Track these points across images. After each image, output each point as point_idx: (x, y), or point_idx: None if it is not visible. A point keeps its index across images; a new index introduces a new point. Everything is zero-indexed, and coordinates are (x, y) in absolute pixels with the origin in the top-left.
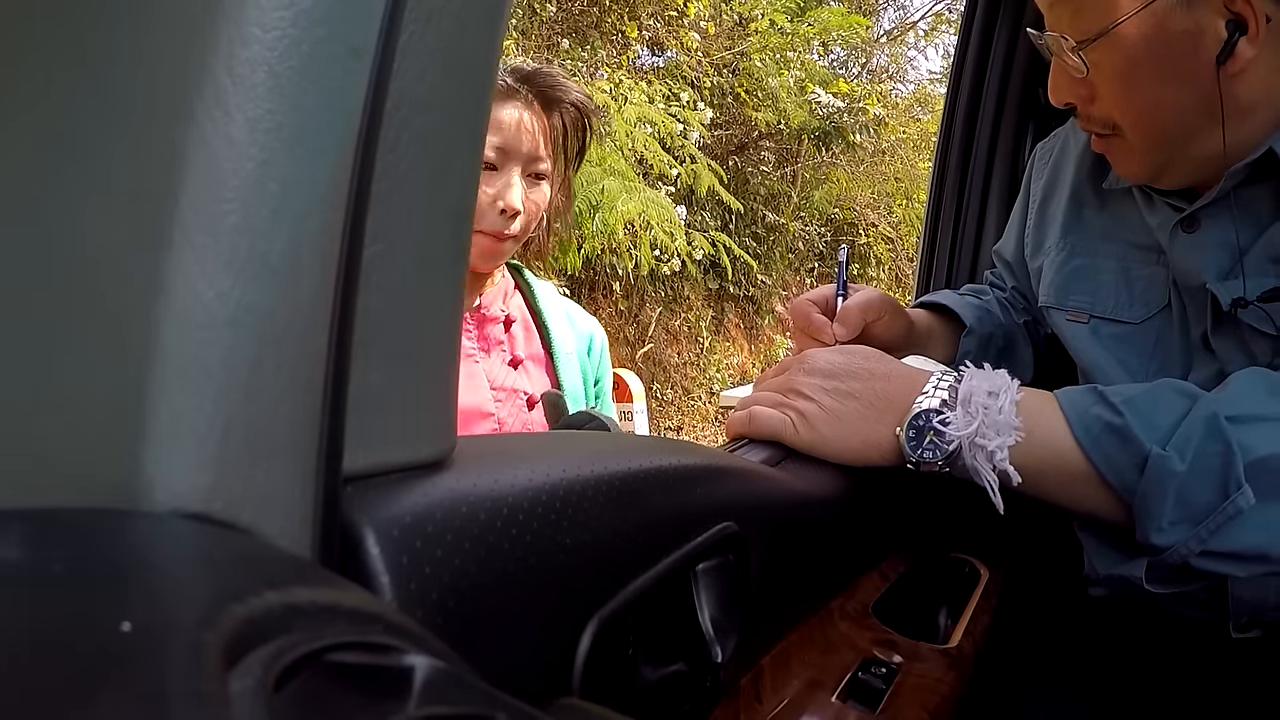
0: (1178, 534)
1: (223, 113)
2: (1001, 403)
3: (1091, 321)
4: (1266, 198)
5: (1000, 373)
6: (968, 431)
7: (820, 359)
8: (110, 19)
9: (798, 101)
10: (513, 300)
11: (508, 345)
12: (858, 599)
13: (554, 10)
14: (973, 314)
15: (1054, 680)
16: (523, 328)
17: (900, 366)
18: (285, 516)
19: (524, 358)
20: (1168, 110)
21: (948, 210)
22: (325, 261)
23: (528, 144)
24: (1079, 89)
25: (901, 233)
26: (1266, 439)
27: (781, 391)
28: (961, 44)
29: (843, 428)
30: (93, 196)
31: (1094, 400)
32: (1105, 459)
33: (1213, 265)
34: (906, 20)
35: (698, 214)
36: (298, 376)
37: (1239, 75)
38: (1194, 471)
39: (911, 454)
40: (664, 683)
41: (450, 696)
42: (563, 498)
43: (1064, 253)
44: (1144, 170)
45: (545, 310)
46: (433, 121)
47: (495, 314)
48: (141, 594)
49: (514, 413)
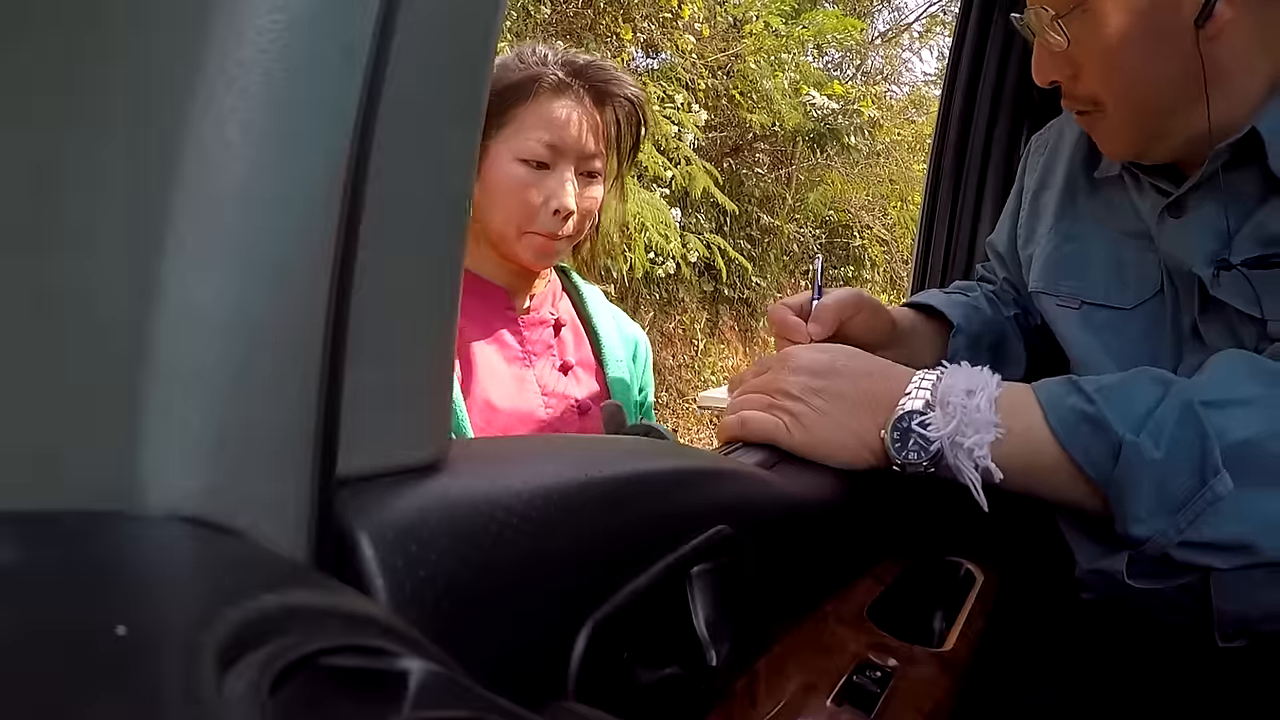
0: (1155, 524)
1: (217, 115)
2: (979, 400)
3: (1083, 308)
4: (1253, 181)
5: (980, 370)
6: (947, 431)
7: (804, 357)
8: (103, 21)
9: (792, 104)
10: (561, 304)
11: (557, 350)
12: (853, 602)
13: (548, 12)
14: (960, 313)
15: (1049, 684)
16: (572, 332)
17: (883, 364)
18: (280, 519)
19: (574, 363)
20: (1150, 79)
21: (943, 212)
22: (319, 264)
23: (581, 141)
24: (1062, 66)
25: (896, 235)
26: (1244, 423)
27: (769, 393)
28: (956, 45)
29: (836, 429)
30: (86, 199)
31: (1069, 390)
32: (1080, 449)
33: (1200, 250)
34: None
35: (692, 216)
36: (292, 379)
37: (1219, 38)
38: (1169, 458)
39: (897, 456)
40: (659, 686)
41: (445, 700)
42: (557, 501)
43: (1056, 238)
44: (1129, 145)
45: (595, 315)
46: (427, 124)
47: (545, 317)
48: (137, 597)
49: (567, 420)
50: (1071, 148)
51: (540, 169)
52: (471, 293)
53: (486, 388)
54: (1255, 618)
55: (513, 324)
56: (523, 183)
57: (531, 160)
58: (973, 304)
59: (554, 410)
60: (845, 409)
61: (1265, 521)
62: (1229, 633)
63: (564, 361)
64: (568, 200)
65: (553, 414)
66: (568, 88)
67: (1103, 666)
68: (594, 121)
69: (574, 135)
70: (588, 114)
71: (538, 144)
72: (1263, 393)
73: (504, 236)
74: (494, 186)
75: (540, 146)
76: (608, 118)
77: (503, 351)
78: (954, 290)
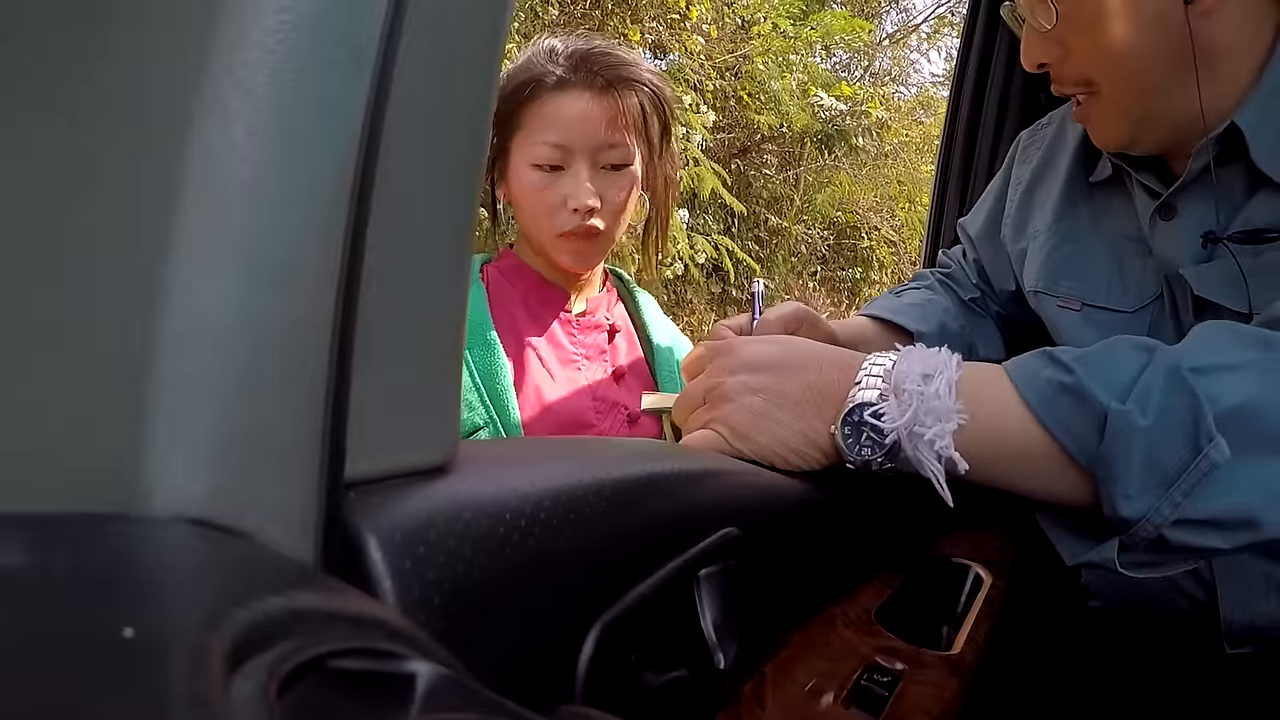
0: (1148, 501)
1: (223, 117)
2: (936, 385)
3: (1084, 309)
4: (1238, 178)
5: (936, 352)
6: (903, 421)
7: (746, 351)
8: (111, 22)
9: (800, 105)
10: (616, 309)
11: (609, 356)
12: (860, 605)
13: (556, 13)
14: (915, 314)
15: (1057, 688)
16: (625, 339)
17: (832, 353)
18: (287, 522)
19: (626, 370)
20: (1140, 55)
21: (950, 213)
22: (326, 266)
23: (592, 134)
24: (1051, 48)
25: (904, 236)
26: (1236, 388)
27: (707, 398)
28: (964, 46)
29: (777, 428)
30: (93, 202)
31: (1044, 364)
32: (1060, 423)
33: (1191, 251)
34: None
35: (700, 217)
36: (299, 381)
37: (1208, 16)
38: (1159, 427)
39: (850, 453)
40: (666, 689)
41: (452, 703)
42: (565, 503)
43: (1055, 239)
44: (1122, 130)
45: (651, 324)
46: (434, 125)
47: (600, 321)
48: (144, 599)
49: (615, 426)
50: (1073, 148)
51: (554, 171)
52: (531, 291)
53: (539, 385)
54: (1263, 625)
55: (567, 325)
56: (539, 187)
57: (544, 164)
58: (926, 297)
59: (603, 415)
60: (790, 406)
61: (1266, 492)
62: (1236, 640)
63: (617, 368)
64: (584, 198)
65: (602, 419)
66: (570, 82)
67: (1110, 670)
68: (609, 110)
69: (583, 130)
70: (599, 104)
71: (545, 146)
72: (1254, 357)
73: (540, 242)
74: (518, 194)
75: (548, 149)
76: (628, 103)
77: (556, 352)
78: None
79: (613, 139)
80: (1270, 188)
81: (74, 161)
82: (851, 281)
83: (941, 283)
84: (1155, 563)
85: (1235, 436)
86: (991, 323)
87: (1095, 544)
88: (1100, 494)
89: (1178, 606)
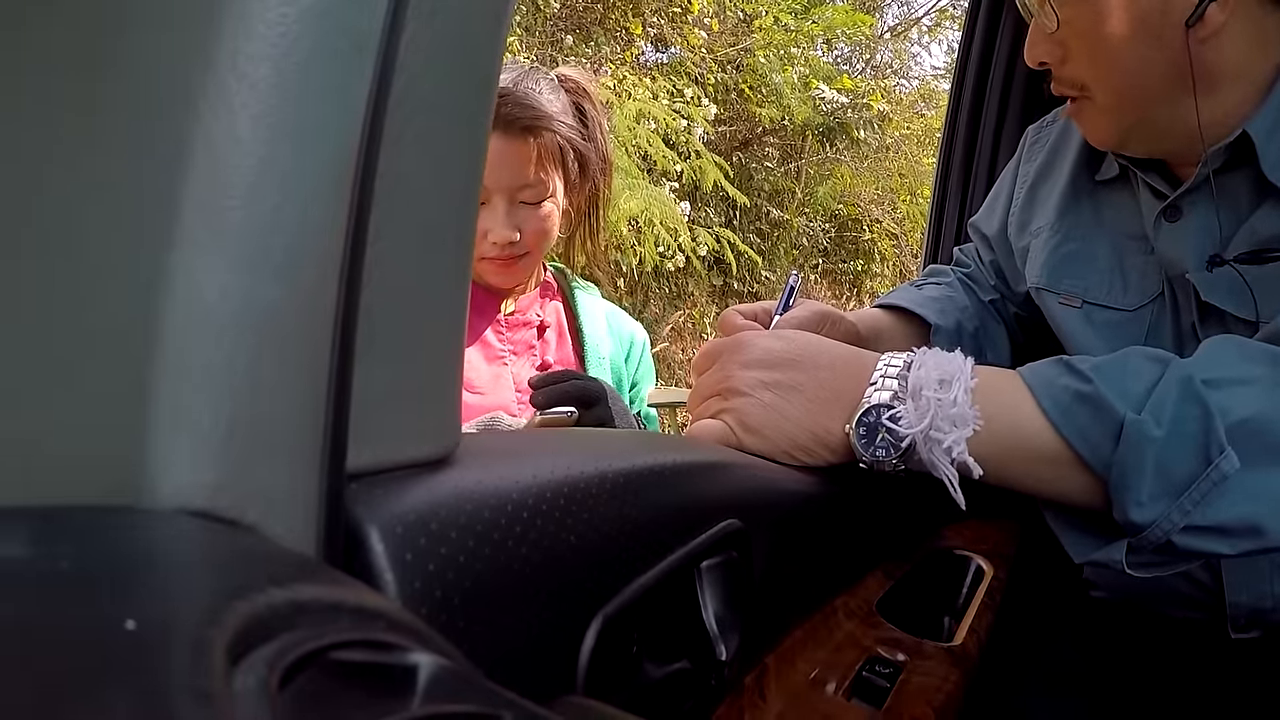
0: (1158, 508)
1: (226, 109)
2: (955, 393)
3: (1085, 307)
4: (1245, 185)
5: (953, 356)
6: (921, 426)
7: (757, 346)
8: (114, 15)
9: (802, 97)
10: (550, 306)
11: (538, 350)
12: (862, 596)
13: (558, 6)
14: (935, 308)
15: (1058, 678)
16: (556, 333)
17: (846, 352)
18: (289, 514)
19: (553, 363)
20: (1134, 70)
21: (952, 206)
22: (329, 258)
23: (509, 176)
24: (1052, 49)
25: (906, 228)
26: (1246, 401)
27: (717, 391)
28: (965, 39)
29: (787, 425)
30: (96, 193)
31: (1060, 371)
32: (1077, 431)
33: (1195, 254)
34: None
35: (701, 210)
36: (301, 373)
37: (1209, 41)
38: (1172, 437)
39: (864, 453)
40: (668, 680)
41: (454, 694)
42: (567, 495)
43: (1058, 236)
44: (1112, 132)
45: (583, 316)
46: (436, 118)
47: (529, 319)
48: (146, 591)
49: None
50: (1077, 146)
51: (483, 205)
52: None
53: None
54: (1268, 609)
55: (496, 324)
56: None
57: None
58: (947, 294)
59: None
60: (802, 404)
61: (1273, 501)
62: (1241, 624)
63: (543, 361)
64: (502, 233)
65: (525, 409)
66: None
67: (1113, 662)
68: (522, 154)
69: (498, 173)
70: (513, 147)
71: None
72: (1264, 373)
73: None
74: None
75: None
76: (543, 144)
77: (484, 350)
78: (925, 281)
79: (528, 179)
80: (1277, 198)
81: (78, 154)
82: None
83: (962, 282)
84: (1161, 563)
85: (1244, 448)
86: (1004, 328)
87: (1102, 543)
88: (1112, 499)
89: (1182, 591)
